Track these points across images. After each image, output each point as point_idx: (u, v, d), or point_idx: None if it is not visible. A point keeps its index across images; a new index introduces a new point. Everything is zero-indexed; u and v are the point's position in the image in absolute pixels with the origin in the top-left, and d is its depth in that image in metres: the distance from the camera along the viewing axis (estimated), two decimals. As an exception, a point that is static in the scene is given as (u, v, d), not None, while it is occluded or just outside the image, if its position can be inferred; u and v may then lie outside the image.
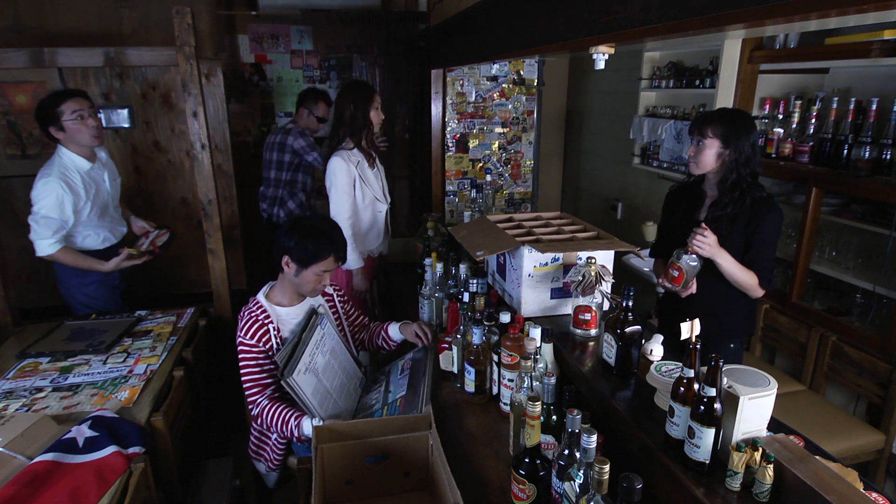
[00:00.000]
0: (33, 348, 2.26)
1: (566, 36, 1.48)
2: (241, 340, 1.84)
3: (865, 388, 2.43)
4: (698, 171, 1.95)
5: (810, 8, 0.81)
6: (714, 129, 1.86)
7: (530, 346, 1.59)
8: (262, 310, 1.88)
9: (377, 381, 2.06)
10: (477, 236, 2.24)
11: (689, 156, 1.96)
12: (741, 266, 1.88)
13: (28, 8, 3.28)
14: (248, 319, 1.86)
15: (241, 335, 1.84)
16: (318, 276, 1.88)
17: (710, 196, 2.01)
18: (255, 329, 1.83)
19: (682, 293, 1.96)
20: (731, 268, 1.87)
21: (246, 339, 1.83)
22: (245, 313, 1.89)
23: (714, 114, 1.92)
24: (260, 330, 1.84)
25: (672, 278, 1.92)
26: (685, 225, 2.05)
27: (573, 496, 1.16)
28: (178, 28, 2.43)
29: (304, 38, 4.33)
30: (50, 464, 1.52)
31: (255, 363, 1.83)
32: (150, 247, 2.65)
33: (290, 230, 1.85)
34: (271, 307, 1.90)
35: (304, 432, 1.71)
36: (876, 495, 1.13)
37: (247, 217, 3.94)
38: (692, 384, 1.19)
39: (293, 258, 1.84)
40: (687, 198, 2.11)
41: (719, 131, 1.86)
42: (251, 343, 1.82)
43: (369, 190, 2.74)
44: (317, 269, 1.85)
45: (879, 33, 2.24)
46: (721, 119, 1.87)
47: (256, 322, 1.85)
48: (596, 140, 4.76)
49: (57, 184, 2.36)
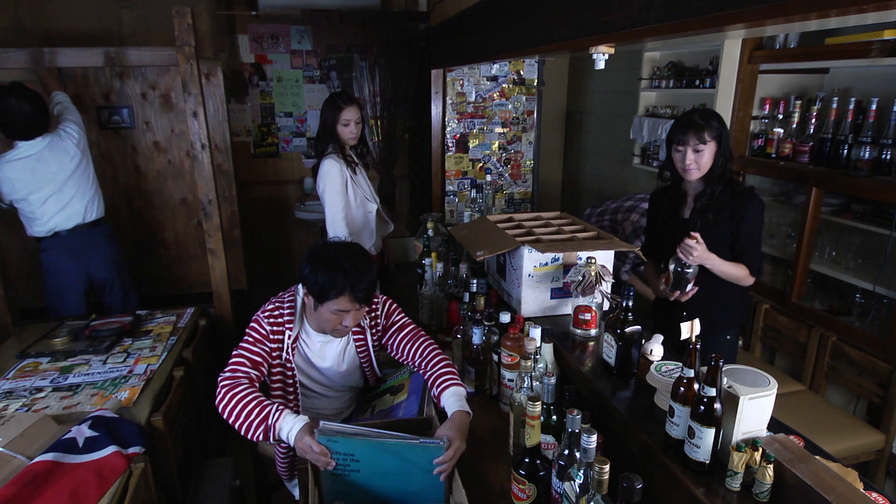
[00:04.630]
0: (33, 348, 2.26)
1: (566, 36, 1.48)
2: (255, 317, 1.71)
3: (865, 388, 2.43)
4: (699, 175, 1.96)
5: (810, 8, 0.81)
6: (710, 132, 1.90)
7: (530, 346, 1.59)
8: (291, 309, 1.71)
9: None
10: (477, 236, 2.24)
11: (687, 164, 1.92)
12: (729, 263, 1.93)
13: (28, 8, 3.28)
14: (274, 306, 1.72)
15: (260, 314, 1.71)
16: (336, 316, 1.62)
17: (692, 192, 2.05)
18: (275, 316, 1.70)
19: (682, 298, 1.97)
20: (721, 267, 1.92)
21: (262, 322, 1.69)
22: (275, 300, 1.74)
23: (700, 118, 1.92)
24: (276, 326, 1.70)
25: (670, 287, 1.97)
26: (671, 224, 2.09)
27: (573, 496, 1.16)
28: (178, 28, 2.43)
29: (303, 38, 4.33)
30: (50, 464, 1.52)
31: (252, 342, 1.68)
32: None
33: (310, 255, 1.64)
34: (299, 316, 1.73)
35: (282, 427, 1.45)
36: (876, 495, 1.13)
37: (247, 217, 3.94)
38: (692, 384, 1.19)
39: (309, 290, 1.64)
40: (669, 198, 2.13)
41: (714, 133, 1.90)
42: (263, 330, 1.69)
43: (360, 190, 2.75)
44: (331, 308, 1.60)
45: (879, 33, 2.24)
46: (710, 121, 1.91)
47: (281, 317, 1.70)
48: (596, 140, 4.76)
49: None
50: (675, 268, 1.91)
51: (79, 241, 2.74)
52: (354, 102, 2.69)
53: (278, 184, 4.53)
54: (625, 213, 2.91)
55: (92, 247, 2.78)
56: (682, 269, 1.89)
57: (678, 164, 1.96)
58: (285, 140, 4.50)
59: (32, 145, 2.59)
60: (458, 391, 1.59)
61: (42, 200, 2.63)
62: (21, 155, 2.58)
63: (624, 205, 2.97)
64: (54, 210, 2.66)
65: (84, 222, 2.75)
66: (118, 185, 3.34)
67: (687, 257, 1.86)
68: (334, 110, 2.65)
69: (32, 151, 2.59)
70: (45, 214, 2.65)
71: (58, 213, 2.67)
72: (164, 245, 3.52)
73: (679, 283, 1.93)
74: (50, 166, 2.61)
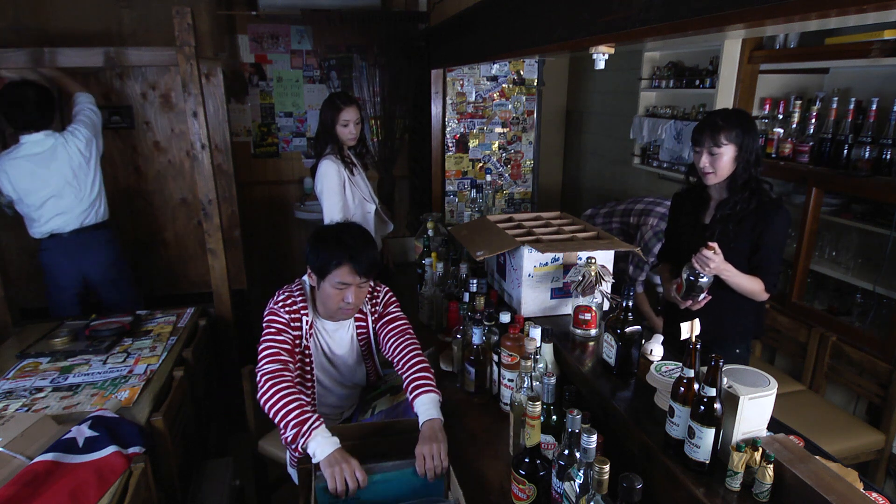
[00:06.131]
0: (33, 348, 2.26)
1: (566, 36, 1.48)
2: (271, 308, 1.72)
3: (865, 388, 2.43)
4: (717, 180, 1.89)
5: (810, 8, 0.81)
6: (727, 135, 1.81)
7: (530, 346, 1.59)
8: (302, 297, 1.76)
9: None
10: (477, 236, 2.24)
11: (702, 167, 1.88)
12: (745, 276, 1.85)
13: (28, 8, 3.28)
14: (286, 296, 1.75)
15: (274, 305, 1.73)
16: (338, 291, 1.67)
17: (716, 198, 1.98)
18: (289, 306, 1.72)
19: (693, 306, 1.92)
20: (736, 279, 1.84)
21: (280, 310, 1.71)
22: (284, 290, 1.77)
23: (721, 119, 1.84)
24: (293, 314, 1.72)
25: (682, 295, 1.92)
26: (690, 229, 2.04)
27: (573, 496, 1.16)
28: (178, 28, 2.43)
29: (303, 38, 4.33)
30: (50, 464, 1.52)
31: (277, 330, 1.69)
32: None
33: (311, 238, 1.73)
34: (311, 303, 1.78)
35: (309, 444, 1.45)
36: (876, 495, 1.13)
37: (247, 217, 3.94)
38: (692, 384, 1.19)
39: (312, 269, 1.71)
40: (692, 201, 2.07)
41: (732, 136, 1.81)
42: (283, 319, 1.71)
43: (358, 191, 2.75)
44: (333, 281, 1.66)
45: (879, 33, 2.24)
46: (731, 123, 1.82)
47: (294, 304, 1.73)
48: (596, 140, 4.76)
49: None
50: (688, 276, 1.84)
51: (76, 243, 2.71)
52: (354, 103, 2.70)
53: (278, 184, 4.53)
54: (637, 216, 2.87)
55: (90, 250, 2.76)
56: (695, 278, 1.83)
57: (697, 167, 1.90)
58: (285, 140, 4.50)
59: (36, 143, 2.58)
60: (433, 398, 1.60)
61: (39, 203, 2.61)
62: (24, 153, 2.57)
63: (634, 208, 2.94)
64: (52, 213, 2.64)
65: (83, 226, 2.72)
66: (118, 185, 3.33)
67: (703, 268, 1.79)
68: (333, 111, 2.65)
69: (36, 150, 2.58)
70: (42, 217, 2.64)
71: (56, 216, 2.65)
72: (164, 245, 3.52)
73: (691, 291, 1.87)
74: (50, 169, 2.59)
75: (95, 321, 2.48)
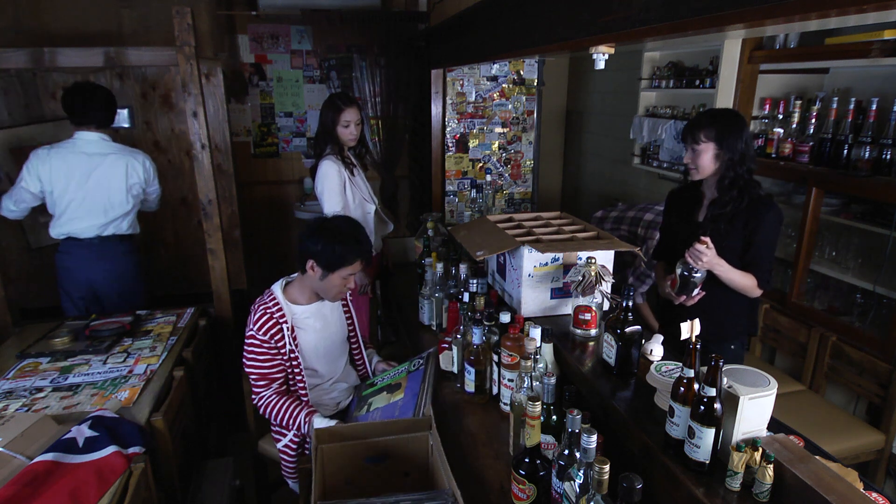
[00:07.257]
0: (33, 348, 2.26)
1: (566, 36, 1.48)
2: (251, 333, 1.82)
3: (865, 388, 2.43)
4: (700, 177, 1.95)
5: (810, 8, 0.81)
6: (706, 132, 1.86)
7: (530, 346, 1.59)
8: (277, 306, 1.85)
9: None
10: (477, 236, 2.24)
11: (686, 163, 1.95)
12: (738, 272, 1.88)
13: (28, 8, 3.28)
14: (262, 314, 1.83)
15: (253, 328, 1.82)
16: (344, 280, 1.84)
17: (709, 196, 2.02)
18: (268, 326, 1.82)
19: (687, 302, 1.95)
20: (729, 275, 1.87)
21: (258, 333, 1.81)
22: (259, 306, 1.86)
23: (703, 118, 1.91)
24: (274, 328, 1.82)
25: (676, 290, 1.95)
26: (684, 226, 2.06)
27: (573, 496, 1.16)
28: (178, 28, 2.43)
29: (303, 38, 4.33)
30: (50, 464, 1.52)
31: (263, 356, 1.83)
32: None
33: (316, 233, 1.81)
34: (287, 305, 1.87)
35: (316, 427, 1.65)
36: (876, 495, 1.13)
37: (247, 217, 3.94)
38: (692, 384, 1.19)
39: (319, 263, 1.80)
40: (686, 199, 2.11)
41: (712, 134, 1.86)
42: (262, 339, 1.82)
43: (358, 191, 2.76)
44: (343, 274, 1.82)
45: (879, 33, 2.24)
46: (710, 121, 1.87)
47: (271, 319, 1.83)
48: (596, 140, 4.76)
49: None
50: (682, 271, 1.88)
51: (90, 251, 2.67)
52: (354, 104, 2.69)
53: (278, 184, 4.54)
54: (645, 228, 2.84)
55: (102, 259, 2.70)
56: (689, 273, 1.86)
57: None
58: (285, 140, 4.50)
59: (89, 143, 2.58)
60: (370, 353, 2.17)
61: (67, 201, 2.58)
62: (76, 149, 2.56)
63: (644, 217, 2.91)
64: (74, 215, 2.61)
65: (101, 235, 2.68)
66: (118, 185, 3.33)
67: (696, 262, 1.82)
68: (334, 111, 2.65)
69: (87, 150, 2.57)
70: (63, 216, 2.61)
71: (76, 220, 2.62)
72: (164, 245, 3.52)
73: (685, 287, 1.90)
74: (92, 173, 2.57)
75: (95, 321, 2.48)
